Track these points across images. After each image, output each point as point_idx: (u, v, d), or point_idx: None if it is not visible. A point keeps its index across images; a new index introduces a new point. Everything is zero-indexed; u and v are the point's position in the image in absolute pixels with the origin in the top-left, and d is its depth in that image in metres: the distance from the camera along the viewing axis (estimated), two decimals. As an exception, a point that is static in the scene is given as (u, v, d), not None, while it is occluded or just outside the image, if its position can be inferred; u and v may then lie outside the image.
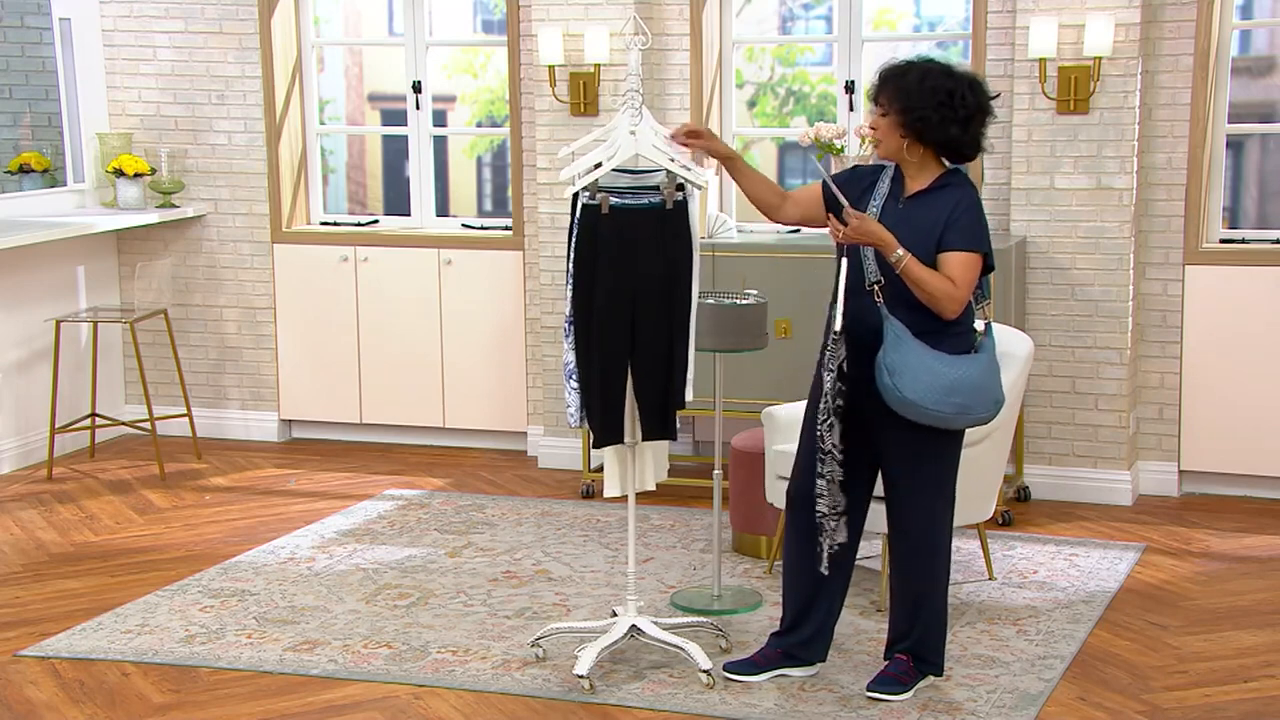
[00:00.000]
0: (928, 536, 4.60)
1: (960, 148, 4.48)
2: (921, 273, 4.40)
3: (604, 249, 4.67)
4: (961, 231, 4.43)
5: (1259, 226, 7.07)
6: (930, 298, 4.41)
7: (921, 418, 4.42)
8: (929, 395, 4.37)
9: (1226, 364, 6.69)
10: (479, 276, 7.62)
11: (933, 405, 4.39)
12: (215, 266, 8.02)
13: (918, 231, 4.43)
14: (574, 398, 4.78)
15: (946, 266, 4.42)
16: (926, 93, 4.38)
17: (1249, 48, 7.24)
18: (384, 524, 6.51)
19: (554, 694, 4.74)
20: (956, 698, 4.67)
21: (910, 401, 4.38)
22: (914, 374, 4.37)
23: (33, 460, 7.55)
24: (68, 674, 4.97)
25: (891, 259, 4.40)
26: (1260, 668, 4.95)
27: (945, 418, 4.43)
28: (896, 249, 4.39)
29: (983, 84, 4.50)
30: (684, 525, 6.44)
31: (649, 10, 7.02)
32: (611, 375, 4.72)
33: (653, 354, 4.75)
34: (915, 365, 4.37)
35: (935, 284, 4.40)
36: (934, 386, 4.37)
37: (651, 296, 4.71)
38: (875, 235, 4.42)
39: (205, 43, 7.87)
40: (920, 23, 7.87)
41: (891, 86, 4.45)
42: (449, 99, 8.49)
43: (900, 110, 4.42)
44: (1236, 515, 6.56)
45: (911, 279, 4.41)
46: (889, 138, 4.47)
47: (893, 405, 4.41)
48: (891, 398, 4.40)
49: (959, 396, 4.41)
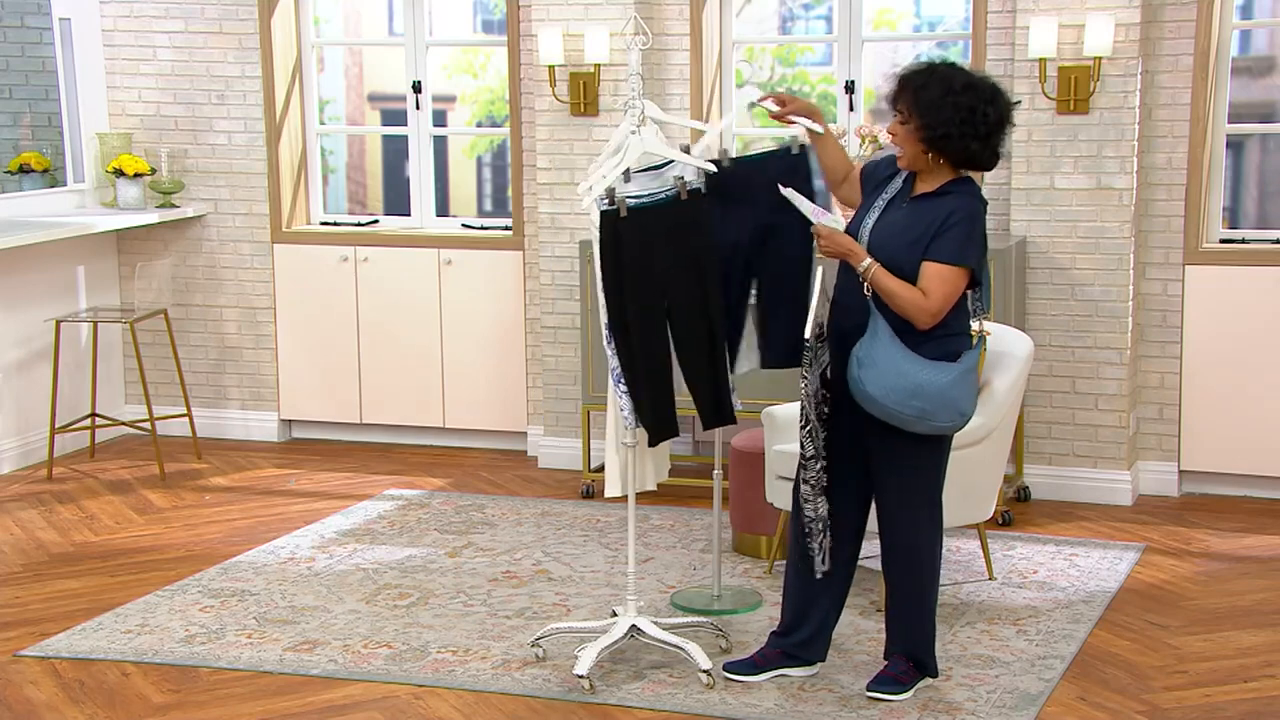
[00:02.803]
0: (910, 543, 4.60)
1: (978, 161, 4.47)
2: (890, 283, 4.39)
3: (628, 250, 4.67)
4: (947, 243, 4.39)
5: (1259, 226, 7.07)
6: (899, 308, 4.40)
7: (881, 414, 4.42)
8: (891, 394, 4.37)
9: (1226, 364, 6.69)
10: (479, 276, 7.62)
11: (893, 404, 4.39)
12: (215, 266, 8.02)
13: (908, 235, 4.42)
14: (626, 401, 4.77)
15: (923, 276, 4.40)
16: (948, 109, 4.35)
17: (1249, 48, 7.24)
18: (384, 524, 6.51)
19: (554, 694, 4.74)
20: (956, 698, 4.67)
21: (871, 396, 4.39)
22: (880, 370, 4.37)
23: (33, 460, 7.55)
24: (68, 674, 4.97)
25: (859, 269, 4.41)
26: (1260, 668, 4.95)
27: (904, 419, 4.42)
28: (863, 260, 4.40)
29: (1004, 94, 4.45)
30: (684, 525, 6.44)
31: (649, 10, 7.02)
32: (656, 373, 4.74)
33: (695, 346, 4.76)
34: (884, 362, 4.37)
35: (904, 295, 4.39)
36: (897, 386, 4.37)
37: (681, 290, 4.73)
38: (844, 247, 4.44)
39: (205, 43, 7.87)
40: (920, 23, 7.87)
41: (911, 96, 4.41)
42: (449, 99, 8.49)
43: (922, 126, 4.39)
44: (1236, 515, 6.56)
45: (879, 289, 4.41)
46: (909, 146, 4.45)
47: (855, 396, 4.43)
48: (855, 389, 4.41)
49: (921, 401, 4.39)
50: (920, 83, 4.42)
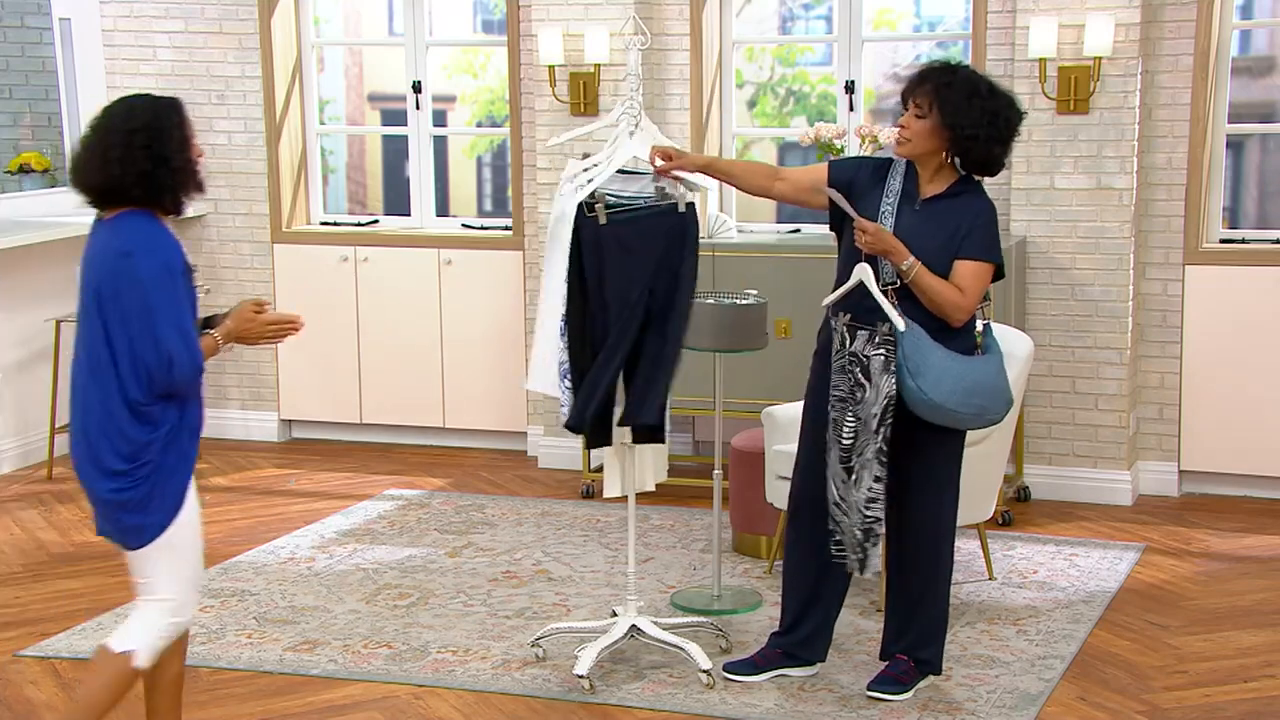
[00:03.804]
0: (932, 534, 4.60)
1: (995, 165, 4.48)
2: (931, 281, 4.40)
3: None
4: (979, 241, 4.45)
5: (1259, 226, 7.07)
6: (938, 306, 4.41)
7: (943, 419, 4.42)
8: (953, 397, 4.38)
9: (1226, 364, 6.69)
10: (479, 276, 7.62)
11: (956, 407, 4.39)
12: (215, 266, 8.02)
13: (936, 237, 4.43)
14: (567, 397, 4.77)
15: (959, 275, 4.43)
16: (976, 111, 4.36)
17: (1249, 48, 7.24)
18: (384, 524, 6.51)
19: (554, 694, 4.74)
20: (956, 698, 4.67)
21: (935, 403, 4.37)
22: (937, 376, 4.36)
23: (33, 460, 7.55)
24: (68, 674, 4.97)
25: (903, 267, 4.40)
26: (1260, 668, 4.95)
27: (964, 419, 4.44)
28: (907, 258, 4.39)
29: (1018, 103, 4.51)
30: (684, 525, 6.44)
31: (649, 10, 7.02)
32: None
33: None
34: (936, 367, 4.37)
35: (944, 293, 4.41)
36: (957, 388, 4.38)
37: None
38: (888, 244, 4.42)
39: (205, 43, 7.87)
40: (920, 23, 7.87)
41: (934, 92, 4.40)
42: (449, 99, 8.49)
43: (948, 125, 4.38)
44: (1236, 515, 6.56)
45: (920, 287, 4.41)
46: (925, 141, 4.44)
47: (915, 408, 4.39)
48: (914, 399, 4.38)
49: (979, 398, 4.42)
50: (945, 80, 4.41)
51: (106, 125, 3.75)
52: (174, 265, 3.73)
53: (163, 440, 3.75)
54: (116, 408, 3.71)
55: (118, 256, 3.70)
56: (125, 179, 3.71)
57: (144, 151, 3.71)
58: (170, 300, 3.70)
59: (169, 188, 3.76)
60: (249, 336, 3.98)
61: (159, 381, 3.71)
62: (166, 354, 3.68)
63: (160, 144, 3.73)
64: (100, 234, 3.78)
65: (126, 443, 3.72)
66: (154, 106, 3.79)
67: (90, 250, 3.79)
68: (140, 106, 3.78)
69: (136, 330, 3.67)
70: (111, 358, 3.70)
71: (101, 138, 3.74)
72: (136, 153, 3.70)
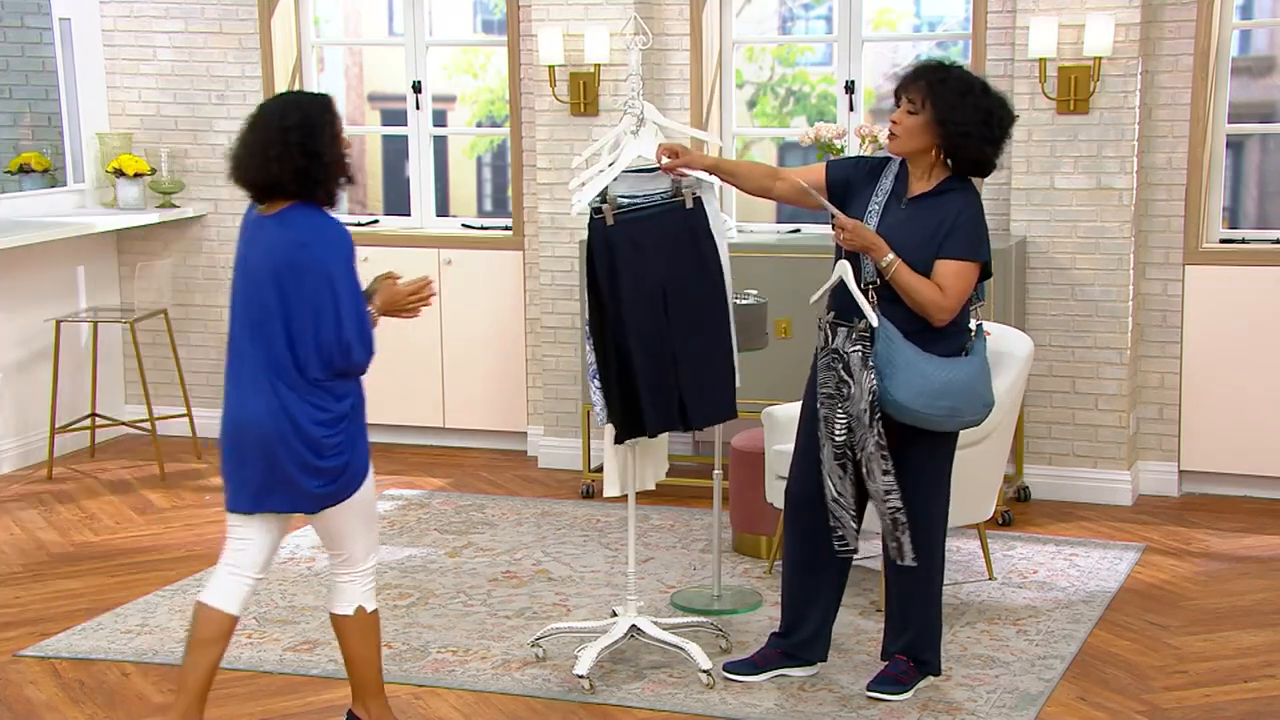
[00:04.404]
0: (924, 533, 4.59)
1: (986, 165, 4.48)
2: (911, 279, 4.39)
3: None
4: (961, 239, 4.42)
5: (1259, 226, 7.07)
6: (918, 305, 4.40)
7: (911, 419, 4.42)
8: (919, 398, 4.37)
9: (1226, 364, 6.69)
10: (479, 276, 7.62)
11: (923, 408, 4.39)
12: (215, 266, 8.02)
13: (919, 235, 4.42)
14: (598, 397, 4.78)
15: (939, 274, 4.41)
16: (969, 109, 4.36)
17: (1249, 48, 7.24)
18: (384, 524, 6.51)
19: (554, 694, 4.74)
20: (956, 698, 4.67)
21: (900, 403, 4.38)
22: (904, 376, 4.36)
23: (33, 460, 7.55)
24: (68, 674, 4.97)
25: (882, 264, 4.40)
26: (1260, 668, 4.96)
27: (934, 420, 4.43)
28: (886, 254, 4.39)
29: (1010, 105, 4.50)
30: (684, 525, 6.44)
31: (649, 10, 7.02)
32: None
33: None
34: (905, 367, 4.36)
35: (924, 291, 4.39)
36: (924, 390, 4.37)
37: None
38: (866, 240, 4.42)
39: (205, 43, 7.87)
40: (920, 23, 7.87)
41: (928, 88, 4.39)
42: (449, 99, 8.49)
43: (940, 122, 4.38)
44: (1236, 515, 6.56)
45: (900, 285, 4.40)
46: (916, 138, 4.43)
47: (885, 407, 4.40)
48: (882, 398, 4.39)
49: (948, 400, 4.40)
50: (938, 77, 4.41)
51: (264, 124, 4.00)
52: (351, 255, 3.99)
53: (351, 405, 4.11)
54: (304, 390, 3.99)
55: (296, 247, 3.96)
56: (283, 175, 3.96)
57: (299, 149, 3.94)
58: (350, 288, 3.97)
59: (321, 181, 3.99)
60: (393, 309, 4.25)
61: (337, 363, 4.00)
62: (346, 340, 3.97)
63: (314, 140, 3.97)
64: (268, 227, 4.04)
65: (324, 412, 4.04)
66: (306, 104, 4.04)
67: (260, 243, 4.04)
68: (293, 105, 4.03)
69: (317, 315, 3.92)
70: (289, 343, 3.96)
71: (260, 136, 3.98)
72: (293, 150, 3.94)
